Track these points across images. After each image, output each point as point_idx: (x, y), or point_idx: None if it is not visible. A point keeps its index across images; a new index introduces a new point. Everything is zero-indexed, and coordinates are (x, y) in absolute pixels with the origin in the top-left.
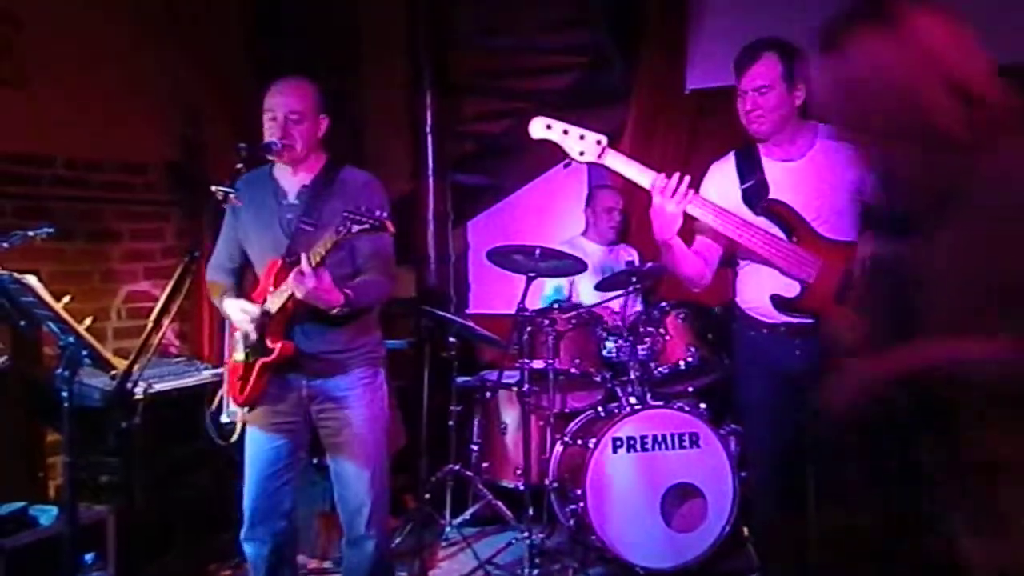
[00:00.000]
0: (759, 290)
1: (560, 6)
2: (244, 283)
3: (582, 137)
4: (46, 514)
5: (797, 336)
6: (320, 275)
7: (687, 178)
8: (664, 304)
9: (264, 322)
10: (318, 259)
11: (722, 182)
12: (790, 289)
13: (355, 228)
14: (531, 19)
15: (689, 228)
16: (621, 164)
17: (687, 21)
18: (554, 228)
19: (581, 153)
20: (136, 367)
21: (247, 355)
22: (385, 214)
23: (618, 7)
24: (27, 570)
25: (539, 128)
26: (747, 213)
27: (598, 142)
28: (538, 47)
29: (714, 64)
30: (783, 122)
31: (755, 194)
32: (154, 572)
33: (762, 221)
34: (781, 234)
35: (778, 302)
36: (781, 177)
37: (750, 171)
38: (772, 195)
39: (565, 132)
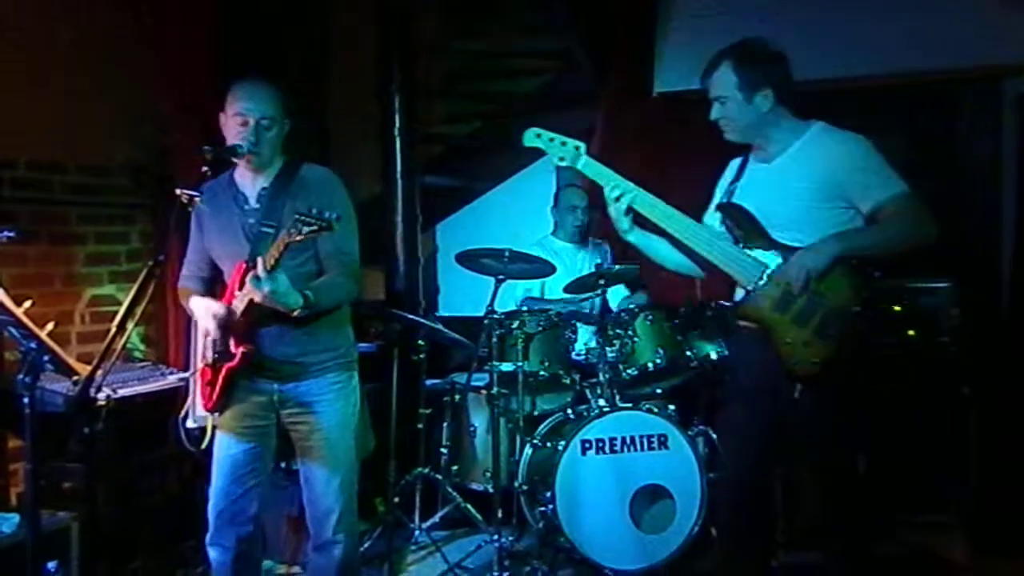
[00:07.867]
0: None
1: (529, 10)
2: (216, 291)
3: (563, 144)
4: (8, 522)
5: (765, 340)
6: (275, 277)
7: (626, 192)
8: (632, 306)
9: (229, 322)
10: (272, 262)
11: (723, 180)
12: (738, 294)
13: (305, 230)
14: (500, 23)
15: None
16: (590, 168)
17: (655, 26)
18: (523, 230)
19: (561, 158)
20: (100, 372)
21: (215, 360)
22: (335, 215)
23: (587, 11)
24: None
25: (531, 137)
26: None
27: (576, 148)
28: (508, 51)
29: (681, 68)
30: (751, 128)
31: (724, 196)
32: None
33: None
34: (735, 237)
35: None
36: (753, 179)
37: (739, 172)
38: (735, 198)
39: (551, 140)
